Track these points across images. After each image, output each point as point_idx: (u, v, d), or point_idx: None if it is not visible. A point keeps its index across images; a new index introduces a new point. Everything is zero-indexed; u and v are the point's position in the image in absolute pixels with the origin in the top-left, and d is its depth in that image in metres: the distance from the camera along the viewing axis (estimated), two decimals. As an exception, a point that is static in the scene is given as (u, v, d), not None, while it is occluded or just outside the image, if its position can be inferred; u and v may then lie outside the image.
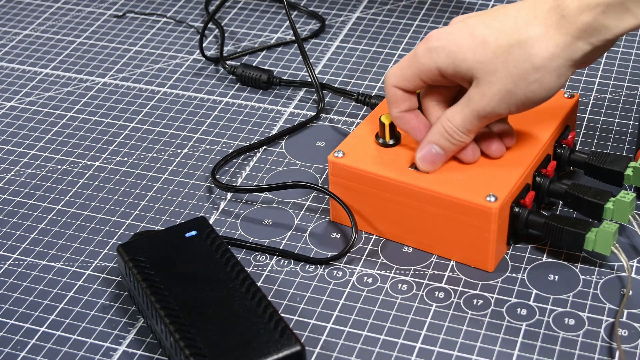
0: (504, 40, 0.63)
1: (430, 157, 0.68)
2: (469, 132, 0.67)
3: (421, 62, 0.66)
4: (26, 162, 0.83)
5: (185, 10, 1.03)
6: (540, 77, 0.63)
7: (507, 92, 0.64)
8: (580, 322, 0.65)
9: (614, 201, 0.69)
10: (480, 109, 0.65)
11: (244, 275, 0.65)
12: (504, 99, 0.64)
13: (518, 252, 0.71)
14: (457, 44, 0.64)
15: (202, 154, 0.82)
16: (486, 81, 0.64)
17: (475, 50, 0.64)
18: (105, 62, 0.95)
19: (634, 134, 0.82)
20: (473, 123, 0.66)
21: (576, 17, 0.61)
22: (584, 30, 0.62)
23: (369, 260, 0.71)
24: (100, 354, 0.65)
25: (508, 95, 0.64)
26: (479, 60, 0.64)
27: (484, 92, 0.64)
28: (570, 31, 0.62)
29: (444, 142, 0.68)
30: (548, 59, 0.62)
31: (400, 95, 0.68)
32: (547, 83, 0.63)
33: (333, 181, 0.72)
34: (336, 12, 1.01)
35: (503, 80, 0.63)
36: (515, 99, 0.64)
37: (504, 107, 0.65)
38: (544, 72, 0.63)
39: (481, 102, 0.65)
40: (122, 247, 0.67)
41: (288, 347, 0.60)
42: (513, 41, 0.63)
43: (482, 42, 0.64)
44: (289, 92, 0.90)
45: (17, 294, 0.70)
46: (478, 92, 0.65)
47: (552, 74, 0.63)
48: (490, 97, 0.64)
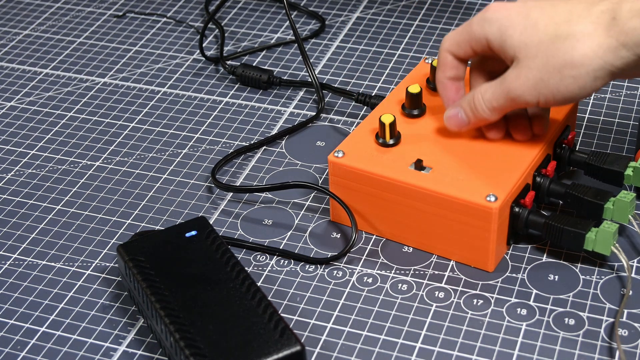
0: (552, 29, 0.63)
1: (455, 120, 0.70)
2: (494, 109, 0.67)
3: (473, 30, 0.67)
4: (26, 162, 0.83)
5: (185, 10, 1.03)
6: (576, 74, 0.63)
7: (540, 80, 0.64)
8: (580, 322, 0.65)
9: (614, 201, 0.69)
10: (510, 90, 0.65)
11: (244, 275, 0.65)
12: (536, 87, 0.64)
13: (518, 252, 0.71)
14: (510, 20, 0.65)
15: (202, 154, 0.82)
16: (524, 64, 0.64)
17: (524, 30, 0.64)
18: (105, 62, 0.95)
19: (634, 134, 0.82)
20: (500, 102, 0.67)
21: (625, 22, 0.61)
22: (631, 37, 0.61)
23: (369, 260, 0.71)
24: (100, 354, 0.65)
25: (540, 84, 0.64)
26: (524, 41, 0.64)
27: (519, 74, 0.65)
28: (617, 35, 0.61)
29: (469, 112, 0.69)
30: (589, 58, 0.62)
31: (450, 61, 0.70)
32: (582, 81, 0.63)
33: (333, 181, 0.72)
34: (336, 12, 1.01)
35: (540, 67, 0.64)
36: (546, 90, 0.64)
37: (534, 94, 0.65)
38: (582, 70, 0.63)
39: (513, 83, 0.65)
40: (122, 247, 0.67)
41: (288, 347, 0.60)
42: (560, 32, 0.63)
43: (533, 24, 0.64)
44: (289, 92, 0.90)
45: (17, 294, 0.70)
46: (514, 72, 0.65)
47: (590, 74, 0.63)
48: (523, 81, 0.65)
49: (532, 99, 0.65)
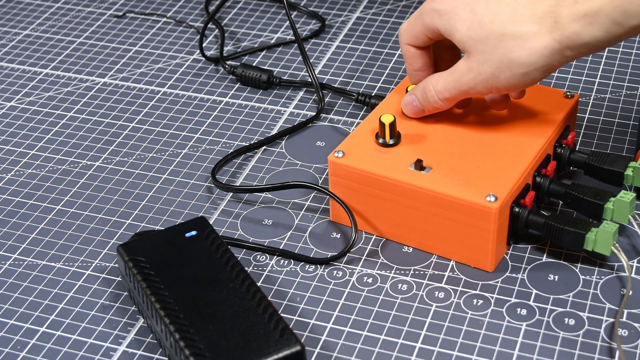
0: (498, 27, 0.65)
1: (410, 107, 0.73)
2: (445, 99, 0.70)
3: (425, 21, 0.70)
4: (26, 162, 0.83)
5: (185, 10, 1.03)
6: (526, 71, 0.65)
7: (491, 75, 0.66)
8: (580, 322, 0.65)
9: (614, 201, 0.69)
10: (462, 83, 0.68)
11: (244, 275, 0.65)
12: (487, 81, 0.67)
13: (518, 252, 0.71)
14: (457, 13, 0.67)
15: (202, 154, 0.82)
16: (474, 59, 0.67)
17: (470, 26, 0.66)
18: (105, 62, 0.95)
19: (634, 134, 0.82)
20: (452, 93, 0.69)
21: (566, 26, 0.63)
22: (572, 40, 0.63)
23: (369, 260, 0.71)
24: (100, 354, 0.65)
25: (492, 79, 0.66)
26: (472, 37, 0.66)
27: (470, 67, 0.67)
28: (560, 38, 0.64)
29: (422, 101, 0.71)
30: (536, 58, 0.64)
31: (413, 53, 0.72)
32: (531, 76, 0.66)
33: (333, 181, 0.72)
34: (336, 12, 1.01)
35: (490, 64, 0.66)
36: (497, 84, 0.67)
37: (485, 87, 0.67)
38: (531, 68, 0.65)
39: (465, 76, 0.67)
40: (122, 247, 0.67)
41: (288, 347, 0.60)
42: (507, 31, 0.65)
43: (478, 20, 0.66)
44: (289, 92, 0.90)
45: (17, 294, 0.70)
46: (465, 65, 0.67)
47: (539, 69, 0.65)
48: (474, 75, 0.67)
49: (484, 91, 0.68)
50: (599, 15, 0.62)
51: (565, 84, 0.88)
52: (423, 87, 0.71)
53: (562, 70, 0.90)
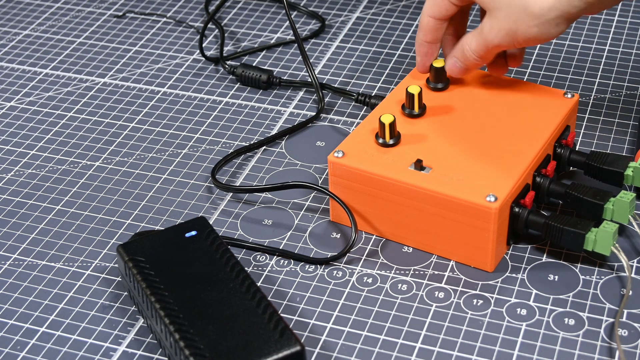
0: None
1: (455, 68, 0.75)
2: (481, 57, 0.73)
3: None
4: (26, 162, 0.83)
5: (185, 10, 1.03)
6: (538, 23, 0.68)
7: (510, 29, 0.69)
8: (580, 322, 0.65)
9: (614, 201, 0.69)
10: (489, 41, 0.71)
11: (244, 275, 0.65)
12: (509, 35, 0.69)
13: (518, 252, 0.71)
14: None
15: (202, 154, 0.82)
16: (494, 15, 0.70)
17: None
18: (105, 62, 0.95)
19: (634, 134, 0.82)
20: (484, 50, 0.72)
21: None
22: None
23: (369, 260, 0.71)
24: (100, 354, 0.65)
25: (511, 33, 0.69)
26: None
27: (492, 25, 0.70)
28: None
29: (463, 60, 0.74)
30: (547, 9, 0.67)
31: (432, 25, 0.75)
32: (545, 29, 0.68)
33: (333, 181, 0.72)
34: (336, 12, 1.01)
35: (506, 19, 0.69)
36: (518, 37, 0.69)
37: (509, 41, 0.70)
38: (542, 21, 0.67)
39: (490, 34, 0.70)
40: (122, 247, 0.67)
41: (288, 347, 0.60)
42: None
43: None
44: (289, 92, 0.90)
45: (17, 294, 0.70)
46: (487, 23, 0.71)
47: (550, 22, 0.68)
48: (496, 32, 0.70)
49: (508, 45, 0.71)
50: None
51: (565, 84, 0.88)
52: (461, 49, 0.74)
53: (562, 70, 0.90)
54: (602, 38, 0.95)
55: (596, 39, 0.94)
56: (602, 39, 0.94)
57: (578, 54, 0.92)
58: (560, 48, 0.93)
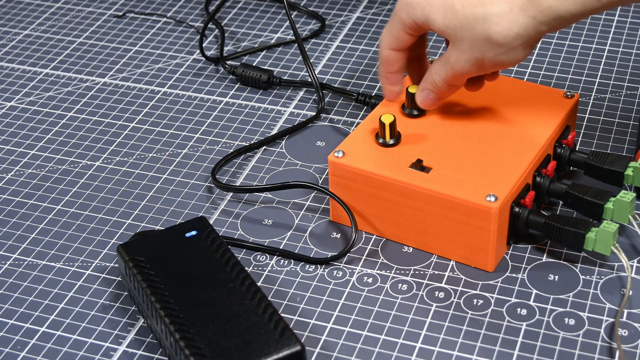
0: (469, 11, 0.66)
1: (429, 101, 0.73)
2: (452, 86, 0.71)
3: (401, 17, 0.70)
4: (26, 162, 0.83)
5: (185, 10, 1.03)
6: (505, 51, 0.66)
7: (476, 59, 0.67)
8: (580, 322, 0.65)
9: (614, 201, 0.69)
10: (457, 71, 0.69)
11: (244, 275, 0.65)
12: (476, 64, 0.68)
13: (518, 252, 0.71)
14: (429, 2, 0.68)
15: (202, 154, 0.82)
16: (457, 47, 0.68)
17: (444, 14, 0.67)
18: (105, 62, 0.95)
19: (634, 134, 0.82)
20: (454, 79, 0.70)
21: (541, 1, 0.64)
22: (547, 14, 0.64)
23: (369, 260, 0.71)
24: (100, 354, 0.65)
25: (478, 62, 0.68)
26: (448, 25, 0.67)
27: (457, 57, 0.68)
28: (534, 14, 0.64)
29: (436, 91, 0.72)
30: (511, 38, 0.65)
31: (394, 56, 0.73)
32: (513, 54, 0.67)
33: (333, 181, 0.72)
34: (336, 12, 1.01)
35: (471, 50, 0.67)
36: (485, 65, 0.68)
37: (477, 69, 0.69)
38: (508, 47, 0.66)
39: (457, 64, 0.69)
40: (122, 247, 0.67)
41: (288, 347, 0.60)
42: (478, 14, 0.66)
43: (450, 7, 0.67)
44: (289, 92, 0.90)
45: (17, 294, 0.70)
46: (453, 54, 0.69)
47: (517, 47, 0.66)
48: (463, 63, 0.68)
49: (477, 72, 0.69)
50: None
51: (565, 84, 0.88)
52: (431, 80, 0.72)
53: (562, 70, 0.90)
54: (602, 38, 0.95)
55: (596, 39, 0.94)
56: (602, 39, 0.94)
57: (578, 54, 0.92)
58: (560, 48, 0.93)
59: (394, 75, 0.74)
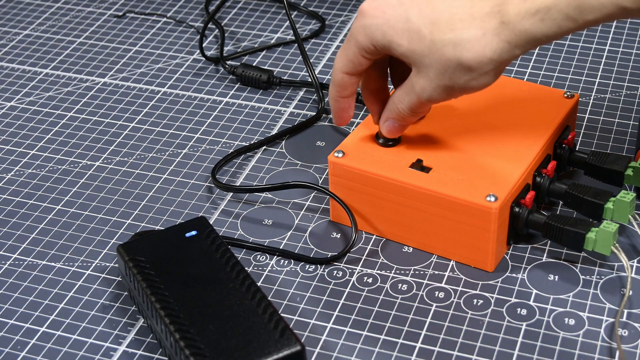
0: (437, 36, 0.62)
1: (394, 129, 0.70)
2: (417, 113, 0.68)
3: (359, 41, 0.66)
4: (26, 162, 0.83)
5: (185, 10, 1.03)
6: (476, 75, 0.63)
7: (445, 86, 0.64)
8: (580, 322, 0.65)
9: (614, 201, 0.69)
10: (423, 98, 0.66)
11: (244, 275, 0.65)
12: (444, 91, 0.65)
13: (518, 252, 0.71)
14: (391, 26, 0.64)
15: (202, 154, 0.82)
16: (424, 74, 0.64)
17: (410, 39, 0.63)
18: (105, 62, 0.95)
19: (634, 134, 0.82)
20: (419, 107, 0.67)
21: (515, 25, 0.61)
22: (522, 37, 0.61)
23: (369, 260, 0.71)
24: (100, 354, 0.65)
25: (447, 89, 0.64)
26: (415, 51, 0.64)
27: (423, 85, 0.65)
28: (509, 38, 0.61)
29: (399, 120, 0.69)
30: (485, 63, 0.62)
31: (347, 80, 0.69)
32: (484, 79, 0.64)
33: (333, 181, 0.72)
34: (336, 12, 1.01)
35: (440, 76, 0.64)
36: (454, 91, 0.65)
37: (445, 96, 0.65)
38: (480, 72, 0.63)
39: (423, 93, 0.65)
40: (122, 247, 0.67)
41: (288, 347, 0.60)
42: (447, 40, 0.62)
43: (416, 32, 0.63)
44: (289, 92, 0.90)
45: (17, 294, 0.70)
46: (418, 82, 0.65)
47: (490, 72, 0.63)
48: (430, 91, 0.65)
49: (444, 99, 0.66)
50: (551, 11, 0.60)
51: (565, 84, 0.88)
52: (394, 109, 0.69)
53: (562, 70, 0.90)
54: (602, 38, 0.95)
55: (596, 39, 0.94)
56: (602, 39, 0.94)
57: (578, 54, 0.92)
58: (560, 48, 0.93)
59: (346, 100, 0.70)
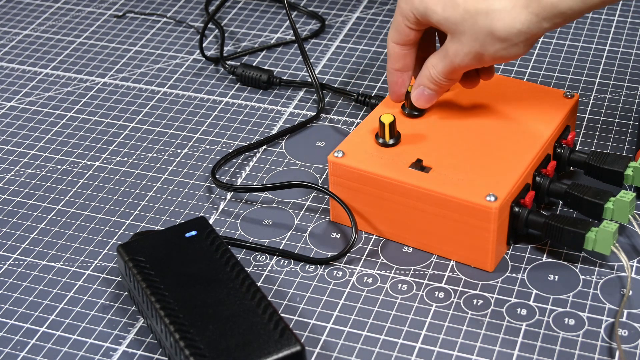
0: (471, 6, 0.66)
1: (423, 98, 0.73)
2: (450, 80, 0.71)
3: (403, 11, 0.70)
4: (26, 162, 0.83)
5: (185, 10, 1.03)
6: (506, 46, 0.66)
7: (477, 53, 0.67)
8: (580, 322, 0.65)
9: (614, 201, 0.69)
10: (456, 64, 0.69)
11: (244, 275, 0.65)
12: (475, 58, 0.68)
13: (518, 252, 0.71)
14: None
15: (202, 154, 0.82)
16: (457, 40, 0.68)
17: (444, 7, 0.67)
18: (105, 62, 0.95)
19: (634, 134, 0.82)
20: (452, 72, 0.70)
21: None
22: (550, 11, 0.64)
23: (369, 260, 0.71)
24: (100, 354, 0.65)
25: (478, 56, 0.68)
26: (448, 18, 0.67)
27: (456, 49, 0.68)
28: (537, 11, 0.64)
29: (432, 86, 0.72)
30: (514, 34, 0.65)
31: (398, 52, 0.72)
32: (513, 50, 0.67)
33: (333, 181, 0.72)
34: (336, 12, 1.01)
35: (472, 43, 0.67)
36: (486, 57, 0.68)
37: (477, 62, 0.69)
38: (510, 43, 0.66)
39: (456, 58, 0.69)
40: (122, 247, 0.67)
41: (288, 347, 0.60)
42: (480, 9, 0.66)
43: (451, 0, 0.67)
44: (289, 92, 0.90)
45: (17, 294, 0.70)
46: (452, 47, 0.68)
47: (519, 45, 0.66)
48: (462, 56, 0.68)
49: (477, 65, 0.69)
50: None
51: (565, 84, 0.88)
52: (427, 73, 0.71)
53: (562, 70, 0.90)
54: (602, 38, 0.95)
55: (596, 39, 0.94)
56: (602, 39, 0.94)
57: (578, 54, 0.92)
58: (560, 48, 0.93)
59: (400, 73, 0.74)
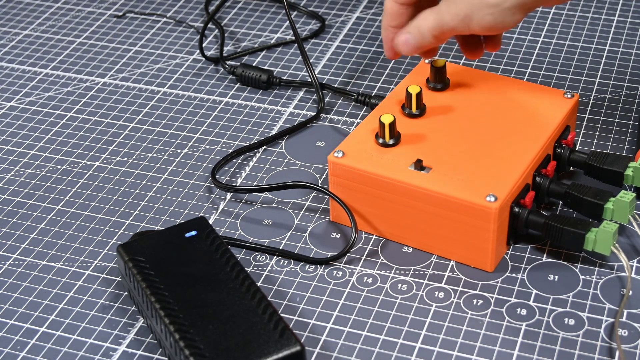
0: None
1: (406, 45, 0.73)
2: (435, 37, 0.72)
3: None
4: (26, 162, 0.83)
5: (185, 10, 1.03)
6: (494, 12, 0.68)
7: (465, 15, 0.69)
8: (580, 322, 0.65)
9: (614, 201, 0.69)
10: (444, 23, 0.70)
11: (244, 275, 0.65)
12: (464, 21, 0.69)
13: (518, 252, 0.71)
14: None
15: (202, 154, 0.82)
16: (450, 1, 0.70)
17: None
18: (105, 62, 0.95)
19: (634, 134, 0.82)
20: (438, 31, 0.71)
21: None
22: None
23: (369, 260, 0.71)
24: (100, 354, 0.65)
25: (467, 19, 0.69)
26: None
27: (448, 8, 0.70)
28: None
29: (418, 37, 0.73)
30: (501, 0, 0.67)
31: (396, 9, 0.74)
32: (500, 18, 0.68)
33: (333, 181, 0.72)
34: (336, 12, 1.01)
35: (462, 6, 0.69)
36: (473, 23, 0.69)
37: (465, 27, 0.70)
38: (499, 9, 0.68)
39: (446, 17, 0.70)
40: (122, 247, 0.67)
41: (288, 347, 0.60)
42: None
43: None
44: (289, 92, 0.90)
45: (17, 294, 0.70)
46: (444, 6, 0.70)
47: (506, 12, 0.68)
48: (452, 16, 0.70)
49: (462, 30, 0.70)
50: None
51: (565, 84, 0.88)
52: (417, 25, 0.72)
53: (562, 70, 0.90)
54: (602, 38, 0.95)
55: (596, 39, 0.94)
56: (602, 39, 0.94)
57: (578, 54, 0.92)
58: (560, 48, 0.93)
59: (395, 30, 0.74)
